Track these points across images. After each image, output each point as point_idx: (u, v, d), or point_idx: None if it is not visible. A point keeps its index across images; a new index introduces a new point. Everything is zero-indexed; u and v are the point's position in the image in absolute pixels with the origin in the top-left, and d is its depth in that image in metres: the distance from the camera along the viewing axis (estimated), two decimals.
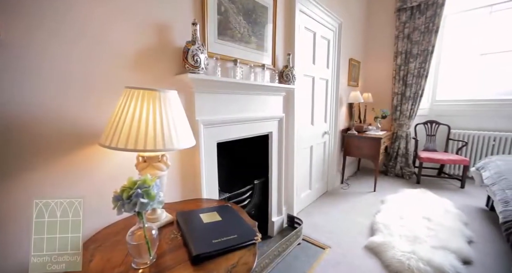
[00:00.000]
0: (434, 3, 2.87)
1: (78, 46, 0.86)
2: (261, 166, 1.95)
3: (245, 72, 1.56)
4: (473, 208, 2.35)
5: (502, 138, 2.86)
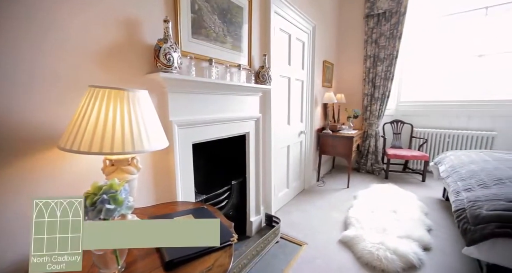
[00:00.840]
0: (397, 12, 3.10)
1: (38, 42, 0.78)
2: (239, 166, 1.94)
3: (220, 72, 1.54)
4: (433, 199, 2.59)
5: (455, 135, 3.18)
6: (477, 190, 1.51)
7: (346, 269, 1.54)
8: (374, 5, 3.25)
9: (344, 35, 3.69)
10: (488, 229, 1.14)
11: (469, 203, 1.40)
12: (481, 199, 1.37)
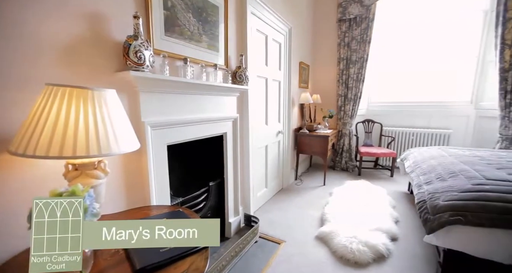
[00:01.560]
0: (367, 18, 3.29)
1: None
2: (216, 167, 1.92)
3: (196, 72, 1.51)
4: (399, 193, 2.79)
5: (419, 133, 3.47)
6: (435, 183, 1.65)
7: (322, 263, 1.60)
8: (346, 10, 3.41)
9: (319, 38, 3.82)
10: (444, 218, 1.27)
11: (429, 195, 1.54)
12: (439, 191, 1.51)
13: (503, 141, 2.73)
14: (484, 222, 1.17)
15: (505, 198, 1.21)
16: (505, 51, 2.60)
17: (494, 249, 1.15)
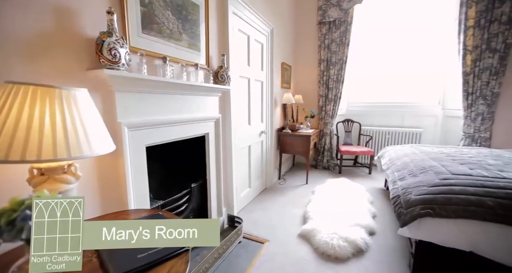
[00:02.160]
0: (345, 21, 3.42)
1: None
2: (198, 168, 1.89)
3: (176, 71, 1.48)
4: (377, 189, 2.93)
5: (394, 132, 3.67)
6: (408, 179, 1.76)
7: (304, 261, 1.63)
8: (326, 13, 3.51)
9: (300, 39, 3.90)
10: (415, 211, 1.35)
11: (402, 190, 1.63)
12: (411, 186, 1.61)
13: (466, 139, 2.97)
14: (450, 214, 1.27)
15: (467, 190, 1.32)
16: (466, 57, 2.83)
17: (458, 238, 1.25)
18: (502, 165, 1.72)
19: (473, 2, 2.71)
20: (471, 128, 2.93)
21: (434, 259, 1.37)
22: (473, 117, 2.90)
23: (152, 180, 1.44)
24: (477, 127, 2.90)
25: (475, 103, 2.87)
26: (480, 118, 2.87)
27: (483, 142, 2.89)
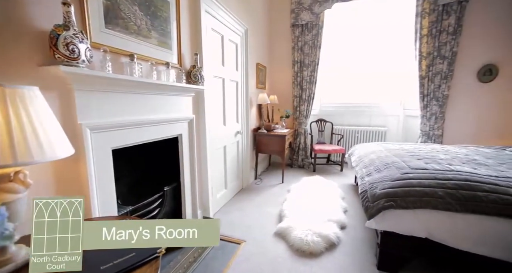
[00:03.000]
0: (317, 25, 3.56)
1: None
2: (172, 171, 1.83)
3: (145, 70, 1.41)
4: (348, 185, 3.11)
5: (362, 131, 3.91)
6: (374, 174, 1.89)
7: (281, 258, 1.66)
8: (298, 16, 3.63)
9: (275, 41, 3.97)
10: (380, 204, 1.46)
11: (369, 185, 1.75)
12: (377, 181, 1.73)
13: (422, 136, 3.29)
14: (409, 205, 1.39)
15: (423, 183, 1.46)
16: (422, 62, 3.13)
17: (415, 227, 1.38)
18: (450, 159, 1.93)
19: (426, 13, 3.01)
20: (427, 126, 3.25)
21: (397, 247, 1.49)
22: (428, 117, 3.22)
23: (121, 185, 1.36)
24: (431, 125, 3.22)
25: (429, 104, 3.18)
26: (434, 117, 3.19)
27: (436, 139, 3.22)
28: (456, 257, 1.36)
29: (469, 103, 3.13)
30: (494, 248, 1.24)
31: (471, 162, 1.86)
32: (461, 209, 1.29)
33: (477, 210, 1.26)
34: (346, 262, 1.62)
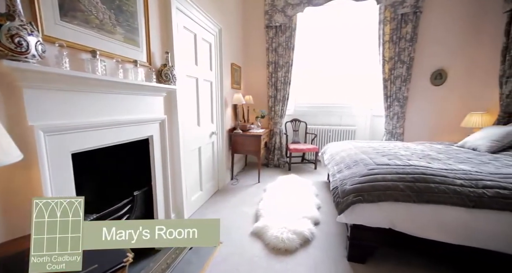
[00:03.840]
0: (290, 27, 3.66)
1: None
2: (143, 174, 1.73)
3: (110, 68, 1.32)
4: (321, 182, 3.24)
5: (334, 130, 4.10)
6: (344, 171, 1.99)
7: (257, 257, 1.67)
8: (272, 18, 3.69)
9: (250, 41, 3.99)
10: (349, 199, 1.55)
11: (340, 182, 1.84)
12: (347, 177, 1.83)
13: (387, 134, 3.56)
14: (374, 199, 1.50)
15: (386, 178, 1.58)
16: (385, 66, 3.39)
17: (380, 218, 1.49)
18: (410, 155, 2.12)
19: (387, 21, 3.27)
20: (390, 125, 3.52)
21: (364, 239, 1.60)
22: (391, 116, 3.50)
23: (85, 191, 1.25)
24: (394, 124, 3.50)
25: (392, 104, 3.46)
26: (396, 117, 3.47)
27: (398, 136, 3.51)
28: (416, 244, 1.49)
29: (425, 104, 3.47)
30: (447, 234, 1.39)
31: (426, 157, 2.06)
32: (418, 200, 1.42)
33: (431, 200, 1.40)
34: (319, 256, 1.69)
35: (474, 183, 1.43)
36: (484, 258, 1.39)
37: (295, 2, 3.54)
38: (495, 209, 1.30)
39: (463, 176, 1.51)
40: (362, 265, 1.60)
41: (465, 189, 1.39)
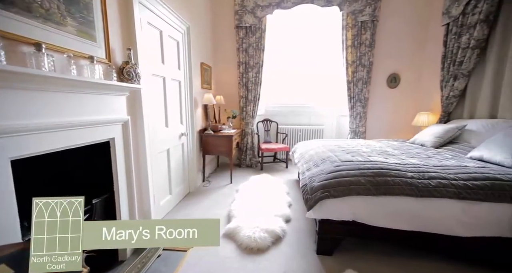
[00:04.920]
0: (260, 28, 3.70)
1: None
2: (103, 180, 1.60)
3: (60, 64, 1.19)
4: (292, 181, 3.34)
5: (304, 129, 4.26)
6: (313, 169, 2.09)
7: (229, 259, 1.66)
8: (242, 18, 3.69)
9: (220, 41, 3.94)
10: (317, 196, 1.62)
11: (308, 179, 1.92)
12: (315, 175, 1.92)
13: (351, 133, 3.82)
14: (339, 194, 1.59)
15: (350, 173, 1.70)
16: (348, 68, 3.64)
17: (344, 212, 1.59)
18: (370, 152, 2.30)
19: (349, 27, 3.51)
20: (354, 124, 3.79)
21: (331, 232, 1.69)
22: (354, 116, 3.76)
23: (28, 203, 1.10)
24: (357, 123, 3.77)
25: (355, 105, 3.72)
26: (359, 117, 3.75)
27: (361, 135, 3.79)
28: (376, 233, 1.62)
29: (383, 105, 3.80)
30: (401, 221, 1.54)
31: (384, 153, 2.26)
32: (377, 192, 1.55)
33: (388, 192, 1.54)
34: (290, 252, 1.74)
35: (422, 175, 1.61)
36: (432, 241, 1.58)
37: (265, 4, 3.59)
38: (437, 197, 1.49)
39: (413, 169, 1.69)
40: (330, 257, 1.69)
41: (415, 180, 1.56)
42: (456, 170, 1.68)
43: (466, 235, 1.48)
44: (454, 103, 2.95)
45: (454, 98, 2.92)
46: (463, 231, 1.48)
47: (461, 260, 1.61)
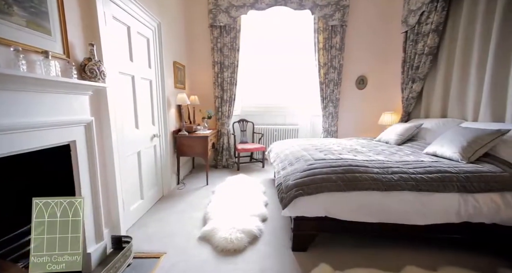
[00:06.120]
0: (234, 28, 3.69)
1: None
2: (63, 187, 1.46)
3: (7, 58, 1.06)
4: (268, 180, 3.38)
5: (279, 129, 4.33)
6: (287, 168, 2.13)
7: (205, 262, 1.63)
8: (216, 17, 3.64)
9: (194, 40, 3.84)
10: (292, 194, 1.66)
11: (283, 178, 1.96)
12: (290, 173, 1.96)
13: (324, 132, 3.99)
14: (313, 191, 1.65)
15: (322, 171, 1.77)
16: (320, 70, 3.79)
17: (317, 208, 1.65)
18: (341, 150, 2.42)
19: (321, 30, 3.66)
20: (327, 124, 3.95)
21: (305, 229, 1.75)
22: (327, 116, 3.93)
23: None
24: (329, 123, 3.95)
25: (327, 105, 3.89)
26: (331, 116, 3.92)
27: (333, 134, 3.98)
28: (347, 227, 1.71)
29: (352, 105, 4.03)
30: (369, 215, 1.65)
31: (353, 151, 2.40)
32: (347, 188, 1.64)
33: (356, 188, 1.64)
34: (266, 251, 1.76)
35: (386, 170, 1.74)
36: (394, 230, 1.71)
37: (239, 4, 3.58)
38: (398, 190, 1.62)
39: (378, 165, 1.82)
40: (304, 253, 1.74)
41: (380, 176, 1.68)
42: (415, 164, 1.84)
43: (422, 223, 1.64)
44: (413, 104, 3.24)
45: (413, 99, 3.20)
46: (420, 220, 1.63)
47: (420, 245, 1.77)
